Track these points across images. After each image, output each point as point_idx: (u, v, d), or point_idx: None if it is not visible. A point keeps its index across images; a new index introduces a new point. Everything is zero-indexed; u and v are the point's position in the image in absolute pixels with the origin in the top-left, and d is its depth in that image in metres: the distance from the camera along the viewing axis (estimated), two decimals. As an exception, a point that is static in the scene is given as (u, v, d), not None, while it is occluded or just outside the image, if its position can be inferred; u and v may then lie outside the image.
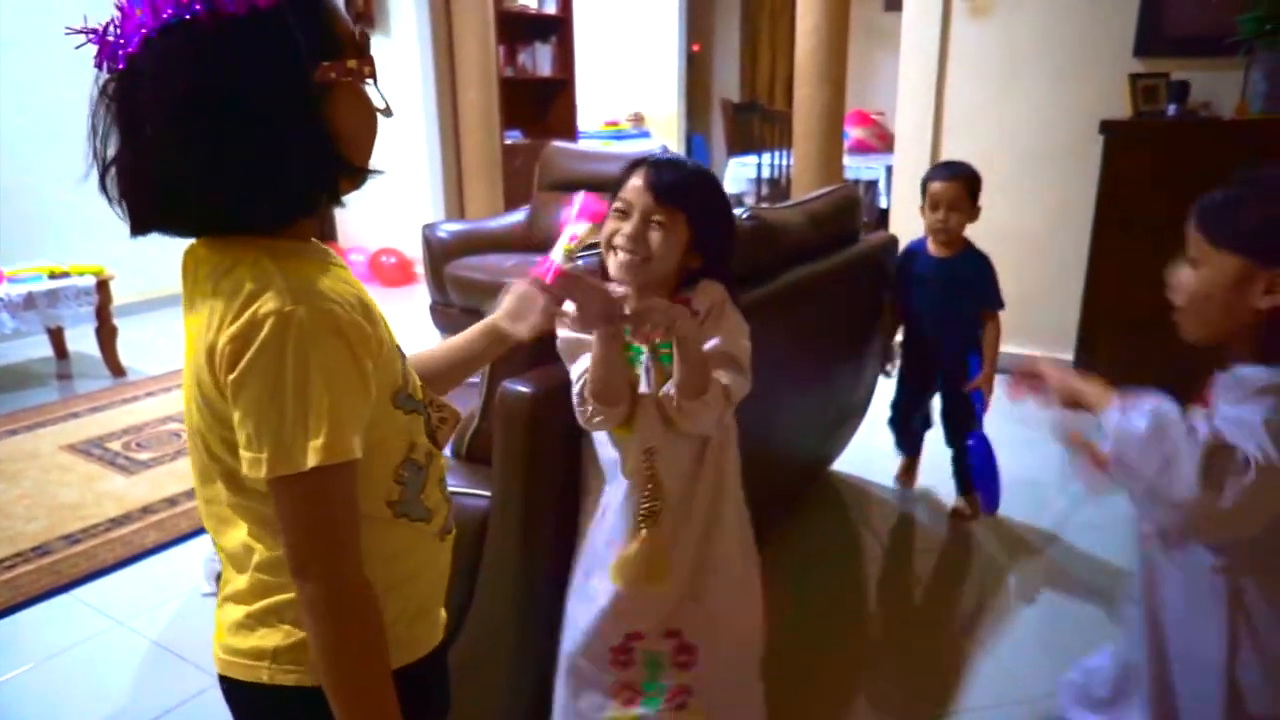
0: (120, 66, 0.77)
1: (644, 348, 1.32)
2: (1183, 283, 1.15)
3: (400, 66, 5.14)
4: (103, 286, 3.81)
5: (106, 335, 3.89)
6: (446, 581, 1.00)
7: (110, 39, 0.77)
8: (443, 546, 0.97)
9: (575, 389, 1.31)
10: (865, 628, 2.17)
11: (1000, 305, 2.43)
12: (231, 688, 0.91)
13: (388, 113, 0.87)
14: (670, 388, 1.28)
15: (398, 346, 0.91)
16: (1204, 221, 1.11)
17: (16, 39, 4.31)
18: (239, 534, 0.88)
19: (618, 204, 1.32)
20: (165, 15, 0.74)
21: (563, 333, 1.34)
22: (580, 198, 1.31)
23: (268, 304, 0.75)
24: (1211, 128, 3.17)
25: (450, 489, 0.99)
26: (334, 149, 0.81)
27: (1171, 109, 3.19)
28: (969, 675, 1.92)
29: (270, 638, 0.86)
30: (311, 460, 0.75)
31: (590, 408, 1.30)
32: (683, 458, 1.36)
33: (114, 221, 0.82)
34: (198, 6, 0.74)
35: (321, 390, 0.75)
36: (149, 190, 0.79)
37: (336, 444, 0.76)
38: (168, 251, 0.89)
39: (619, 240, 1.30)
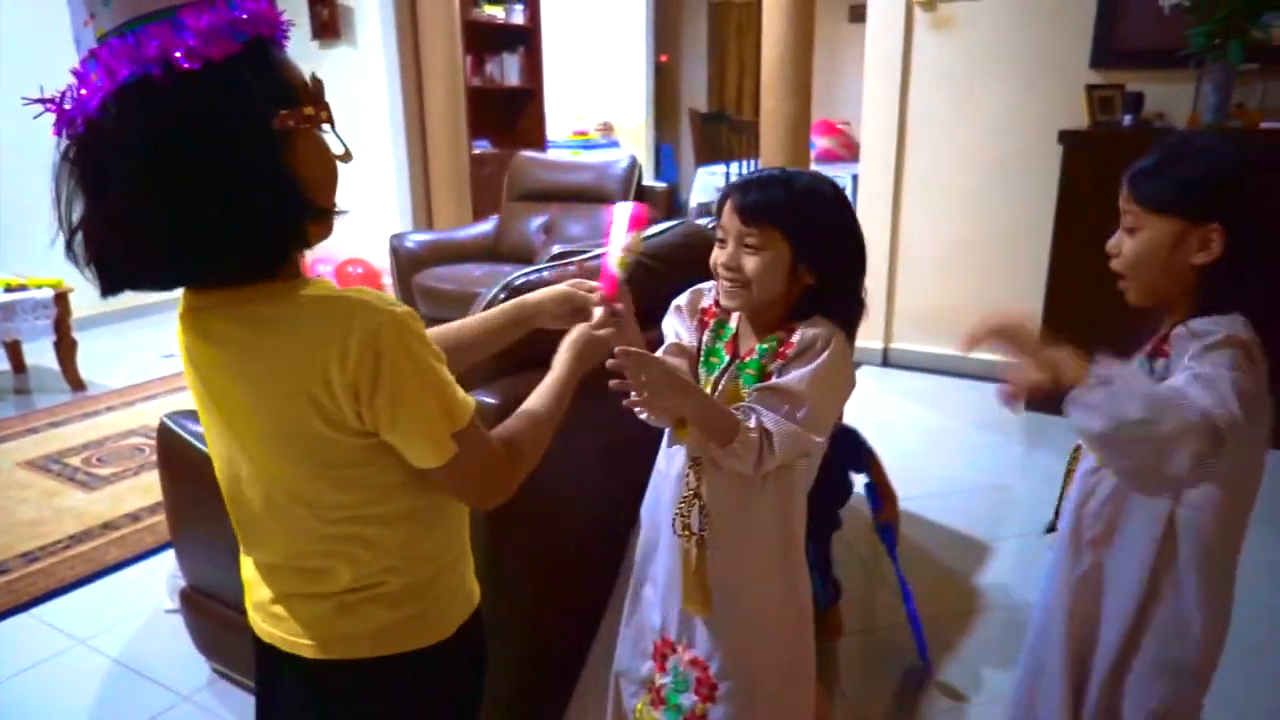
0: (80, 130, 0.78)
1: (727, 359, 1.31)
2: (1123, 250, 1.18)
3: (366, 77, 5.11)
4: (61, 299, 3.75)
5: (65, 349, 3.83)
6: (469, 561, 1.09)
7: (68, 108, 0.78)
8: (465, 512, 1.07)
9: None
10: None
11: None
12: (321, 670, 0.95)
13: (347, 158, 0.88)
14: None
15: None
16: (1135, 187, 1.15)
17: (-28, 48, 4.24)
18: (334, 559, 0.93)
19: (718, 230, 1.28)
20: (121, 76, 0.75)
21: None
22: (628, 208, 1.26)
23: (368, 321, 0.81)
24: (1165, 138, 3.24)
25: None
26: (300, 194, 0.83)
27: (1127, 119, 3.27)
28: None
29: (367, 620, 0.94)
30: (465, 418, 0.89)
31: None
32: (731, 488, 1.28)
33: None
34: (152, 66, 0.75)
35: (436, 365, 0.87)
36: (118, 250, 0.80)
37: (461, 408, 0.89)
38: None
39: (719, 269, 1.27)
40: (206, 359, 0.88)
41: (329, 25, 5.08)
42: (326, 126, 0.86)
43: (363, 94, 5.11)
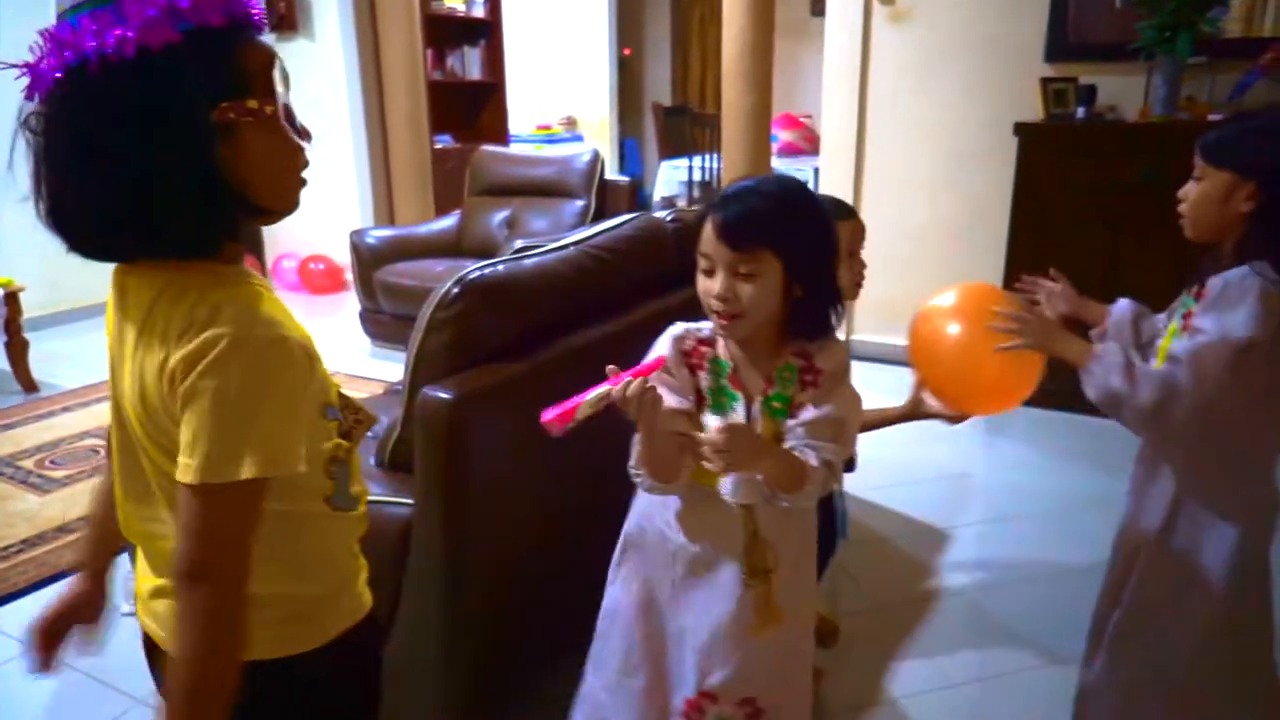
0: (41, 103, 0.80)
1: (740, 395, 1.24)
2: (1189, 194, 1.42)
3: (324, 70, 5.04)
4: (12, 299, 3.66)
5: (17, 349, 3.74)
6: (357, 549, 1.04)
7: (42, 70, 0.79)
8: (358, 521, 1.02)
9: (632, 455, 1.24)
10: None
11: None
12: None
13: (304, 136, 0.87)
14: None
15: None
16: (1204, 147, 1.40)
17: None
18: (167, 544, 0.90)
19: (700, 259, 1.20)
20: (67, 58, 0.77)
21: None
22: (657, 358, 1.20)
23: (222, 328, 0.78)
24: (1117, 130, 3.31)
25: (372, 498, 1.05)
26: (229, 190, 0.81)
27: (1080, 111, 3.32)
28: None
29: None
30: (246, 473, 0.78)
31: (644, 479, 1.24)
32: (773, 520, 1.27)
33: (23, 234, 0.83)
34: (90, 53, 0.76)
35: (269, 409, 0.80)
36: (61, 221, 0.82)
37: (275, 458, 0.80)
38: (79, 265, 0.91)
39: (712, 302, 1.19)
40: (118, 313, 0.88)
41: (286, 18, 5.01)
42: (282, 118, 0.84)
43: (321, 88, 5.04)
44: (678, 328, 1.30)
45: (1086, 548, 2.21)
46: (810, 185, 6.35)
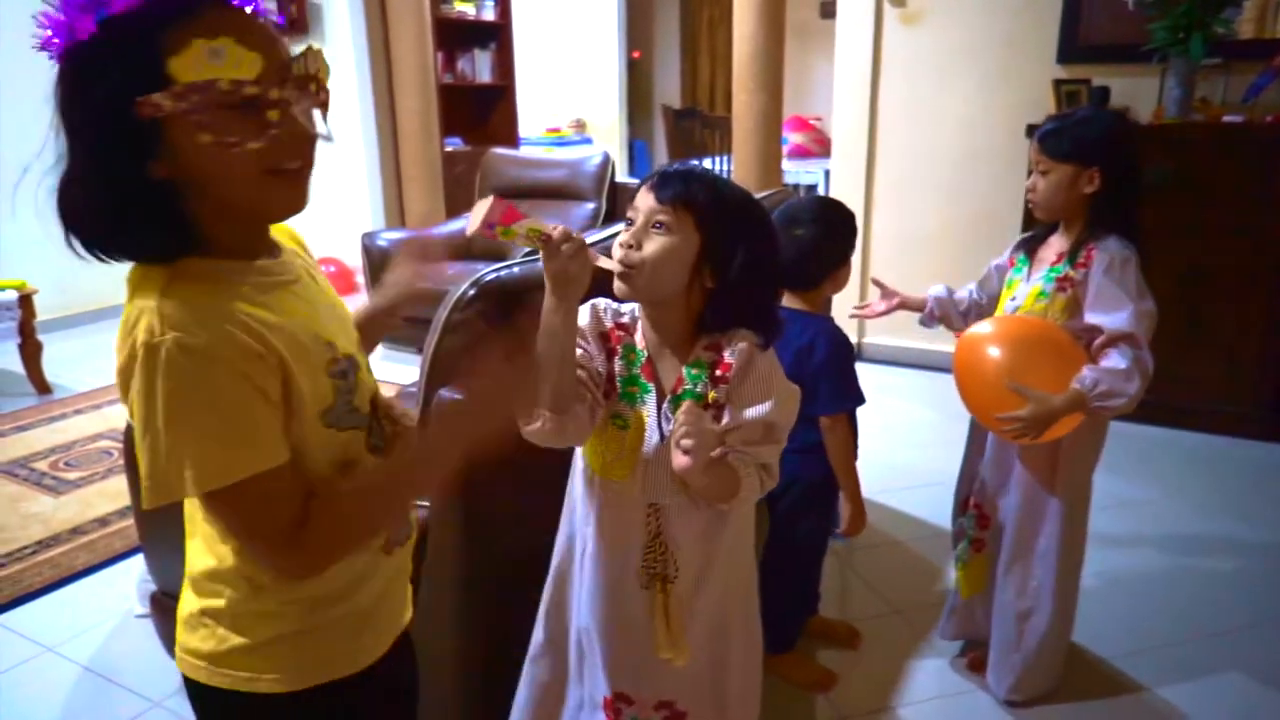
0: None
1: (651, 388, 1.16)
2: (1036, 184, 1.68)
3: (336, 74, 5.04)
4: (25, 301, 3.69)
5: (30, 351, 3.76)
6: (389, 599, 0.99)
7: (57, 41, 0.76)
8: (386, 560, 0.96)
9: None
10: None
11: (838, 408, 1.72)
12: (184, 680, 0.93)
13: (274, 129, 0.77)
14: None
15: (346, 358, 0.89)
16: (1044, 143, 1.66)
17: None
18: (201, 537, 0.90)
19: (628, 217, 1.15)
20: (43, 43, 0.74)
21: None
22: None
23: (140, 335, 0.73)
24: (1131, 129, 3.29)
25: None
26: (163, 190, 0.76)
27: (1093, 113, 3.31)
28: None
29: (207, 641, 0.89)
30: (190, 489, 0.74)
31: (543, 422, 1.08)
32: (701, 519, 1.19)
33: (36, 236, 0.82)
34: (45, 43, 0.74)
35: (194, 415, 0.74)
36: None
37: (214, 468, 0.74)
38: (92, 266, 0.87)
39: (615, 245, 1.13)
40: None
41: (297, 21, 5.02)
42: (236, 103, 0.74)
43: (332, 91, 5.04)
44: (599, 301, 1.21)
45: (1098, 549, 2.19)
46: (821, 188, 6.28)
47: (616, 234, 1.42)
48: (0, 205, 0.87)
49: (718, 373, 1.15)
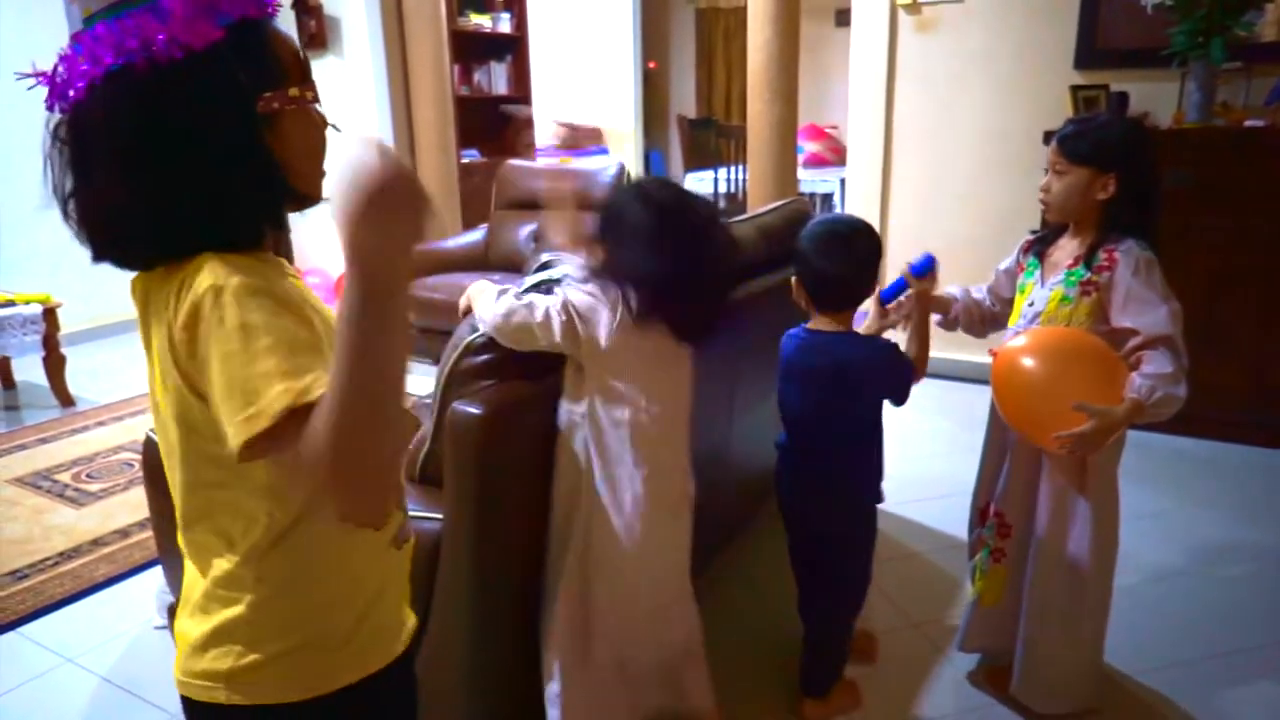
0: (68, 112, 0.79)
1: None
2: (1051, 185, 1.68)
3: (353, 87, 5.10)
4: (50, 314, 3.73)
5: (54, 364, 3.81)
6: (408, 589, 1.02)
7: (59, 81, 0.79)
8: (400, 555, 0.98)
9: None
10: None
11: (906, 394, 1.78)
12: (190, 708, 0.92)
13: (335, 127, 0.89)
14: None
15: None
16: (1063, 145, 1.66)
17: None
18: (207, 552, 0.88)
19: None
20: (107, 63, 0.76)
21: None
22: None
23: (202, 285, 0.76)
24: (1150, 137, 3.25)
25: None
26: (279, 177, 0.84)
27: (1112, 119, 3.28)
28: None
29: (223, 660, 0.87)
30: (280, 404, 0.71)
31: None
32: None
33: (61, 249, 0.84)
34: (135, 56, 0.76)
35: (270, 340, 0.73)
36: (102, 227, 0.82)
37: (299, 387, 0.72)
38: (116, 278, 0.90)
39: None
40: (140, 320, 0.85)
41: (316, 36, 5.07)
42: (315, 104, 0.86)
43: (351, 104, 5.10)
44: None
45: (1120, 561, 2.16)
46: (837, 196, 6.26)
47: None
48: (25, 221, 0.89)
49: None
